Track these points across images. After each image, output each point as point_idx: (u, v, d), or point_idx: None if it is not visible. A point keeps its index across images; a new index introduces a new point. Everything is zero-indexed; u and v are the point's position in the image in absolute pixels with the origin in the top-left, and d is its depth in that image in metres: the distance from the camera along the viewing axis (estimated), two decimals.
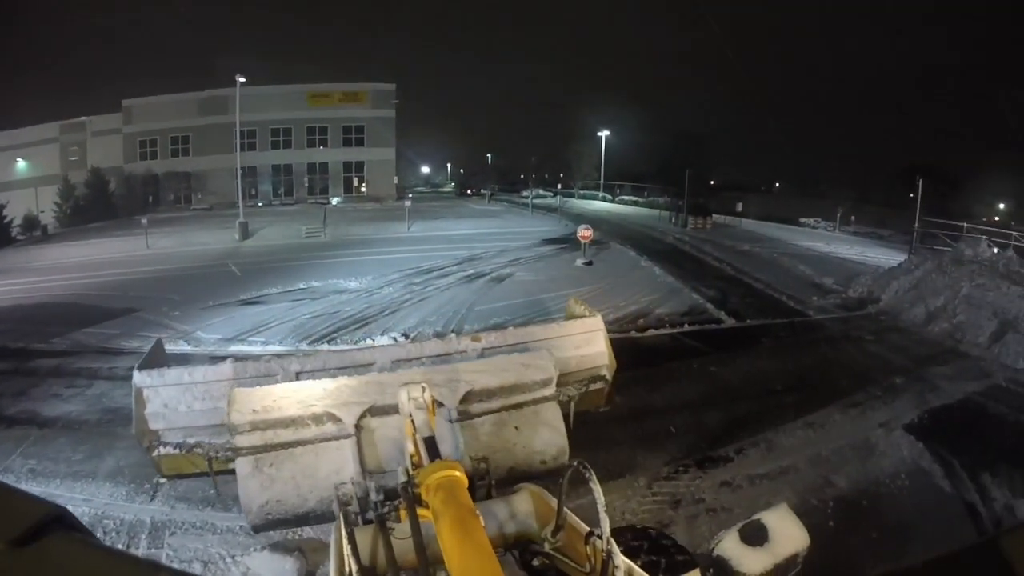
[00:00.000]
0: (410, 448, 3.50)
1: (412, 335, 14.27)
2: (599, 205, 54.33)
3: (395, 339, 13.97)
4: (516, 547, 3.06)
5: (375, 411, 4.53)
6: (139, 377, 5.08)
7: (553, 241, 29.19)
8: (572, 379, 5.95)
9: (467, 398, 4.75)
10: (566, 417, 5.23)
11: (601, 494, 2.30)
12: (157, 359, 5.71)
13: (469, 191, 70.18)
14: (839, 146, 68.36)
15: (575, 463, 2.49)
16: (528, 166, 79.23)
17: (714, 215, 39.11)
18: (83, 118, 53.13)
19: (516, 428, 4.85)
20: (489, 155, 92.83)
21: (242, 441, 4.33)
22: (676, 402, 11.08)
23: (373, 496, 3.22)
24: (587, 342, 6.26)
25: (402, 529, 2.71)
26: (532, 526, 3.08)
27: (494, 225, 35.44)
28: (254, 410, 4.32)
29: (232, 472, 4.56)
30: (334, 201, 50.30)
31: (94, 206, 48.68)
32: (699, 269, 23.89)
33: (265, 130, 51.98)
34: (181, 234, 34.72)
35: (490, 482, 3.98)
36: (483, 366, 5.06)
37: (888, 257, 26.27)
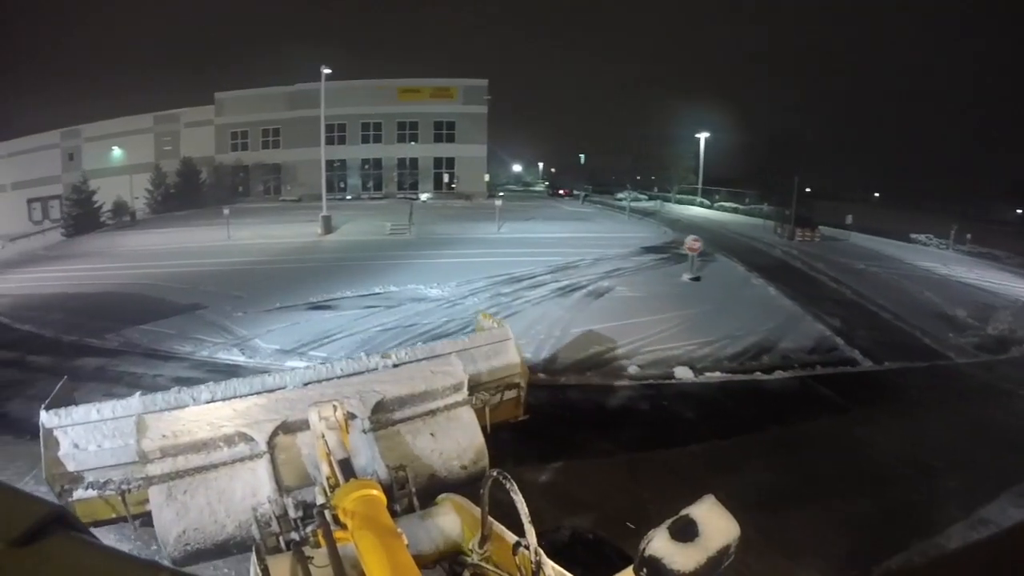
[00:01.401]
0: (325, 470, 3.52)
1: None
2: (696, 211, 50.79)
3: None
4: (443, 560, 2.90)
5: (287, 428, 4.42)
6: (46, 417, 4.68)
7: (653, 250, 26.27)
8: (486, 388, 5.80)
9: (379, 408, 4.68)
10: (484, 427, 5.14)
11: (524, 504, 2.15)
12: (65, 397, 5.25)
13: (561, 191, 67.31)
14: (939, 156, 62.08)
15: (494, 472, 2.33)
16: (622, 166, 76.47)
17: (820, 227, 35.42)
18: (177, 110, 54.19)
19: (432, 435, 4.82)
20: (582, 155, 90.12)
21: (154, 469, 4.19)
22: (818, 484, 8.53)
23: (292, 513, 3.44)
24: (497, 352, 6.19)
25: (322, 555, 2.46)
26: (458, 538, 2.95)
27: (589, 229, 32.57)
28: (164, 435, 4.21)
29: (147, 516, 4.36)
30: (423, 197, 48.68)
31: (184, 194, 49.25)
32: (816, 290, 20.68)
33: (355, 124, 51.41)
34: (263, 226, 33.84)
35: (411, 491, 3.92)
36: (392, 375, 5.06)
37: (1014, 285, 22.99)
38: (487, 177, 55.71)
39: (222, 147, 52.97)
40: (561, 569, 2.32)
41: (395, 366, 5.58)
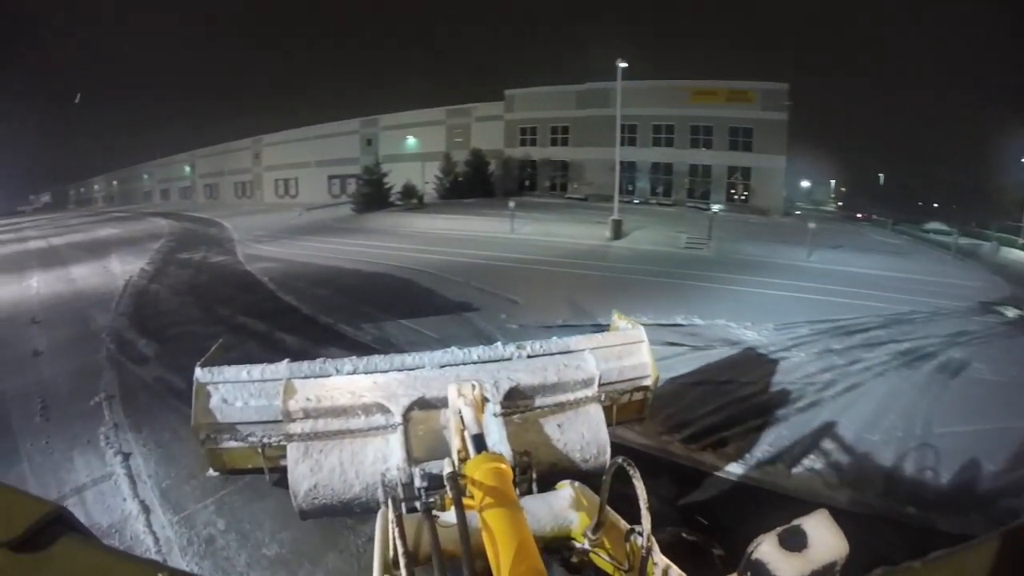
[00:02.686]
0: (457, 443, 3.60)
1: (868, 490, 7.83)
2: (1020, 254, 39.85)
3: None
4: (555, 543, 2.84)
5: (422, 404, 4.55)
6: (200, 373, 4.81)
7: (993, 307, 18.52)
8: (615, 388, 5.52)
9: (511, 394, 4.69)
10: (608, 425, 5.08)
11: (644, 491, 2.12)
12: (219, 357, 5.24)
13: (859, 215, 59.38)
14: None
15: (619, 459, 2.28)
16: (933, 192, 66.81)
17: None
18: (468, 104, 58.14)
19: (559, 426, 4.84)
20: (880, 175, 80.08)
21: (294, 428, 4.46)
22: None
23: (417, 483, 3.17)
24: (629, 353, 5.77)
25: (443, 519, 2.64)
26: (572, 523, 2.88)
27: (909, 268, 25.33)
28: (308, 399, 4.47)
29: (282, 470, 4.58)
30: (715, 208, 44.22)
31: (472, 183, 50.83)
32: None
33: (646, 126, 48.99)
34: (548, 222, 32.24)
35: (532, 476, 3.68)
36: (526, 365, 5.06)
37: None
38: (784, 192, 50.23)
39: (511, 141, 54.20)
40: (668, 561, 2.24)
41: (529, 357, 5.42)
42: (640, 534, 2.21)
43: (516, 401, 4.75)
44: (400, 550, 2.37)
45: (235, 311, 15.59)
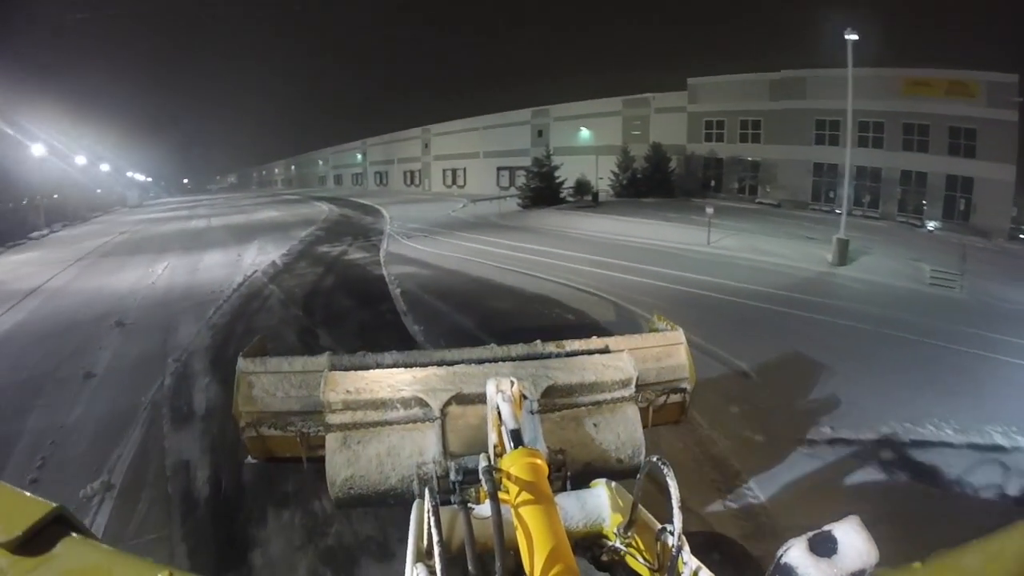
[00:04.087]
0: (494, 438, 3.65)
1: None
2: None
3: None
4: (587, 540, 2.89)
5: (460, 399, 4.62)
6: (242, 363, 5.14)
7: None
8: (652, 390, 5.57)
9: (549, 392, 4.78)
10: (644, 426, 5.12)
11: (677, 491, 2.12)
12: (261, 348, 5.69)
13: None
14: None
15: (653, 458, 2.29)
16: None
17: None
18: (647, 95, 54.16)
19: (595, 425, 4.89)
20: None
21: (334, 419, 4.58)
22: None
23: (453, 476, 3.45)
24: (668, 355, 5.82)
25: (477, 512, 2.65)
26: (605, 521, 2.91)
27: None
28: (348, 391, 4.60)
29: (318, 460, 4.66)
30: (930, 225, 38.07)
31: (651, 180, 47.88)
32: None
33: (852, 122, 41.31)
34: (749, 234, 27.71)
35: (566, 474, 3.98)
36: (565, 364, 5.12)
37: None
38: (1015, 210, 42.31)
39: (694, 136, 49.84)
40: (699, 561, 2.18)
41: (568, 355, 5.46)
42: (671, 533, 2.18)
43: (554, 399, 4.78)
44: (435, 539, 2.19)
45: (339, 341, 13.23)
